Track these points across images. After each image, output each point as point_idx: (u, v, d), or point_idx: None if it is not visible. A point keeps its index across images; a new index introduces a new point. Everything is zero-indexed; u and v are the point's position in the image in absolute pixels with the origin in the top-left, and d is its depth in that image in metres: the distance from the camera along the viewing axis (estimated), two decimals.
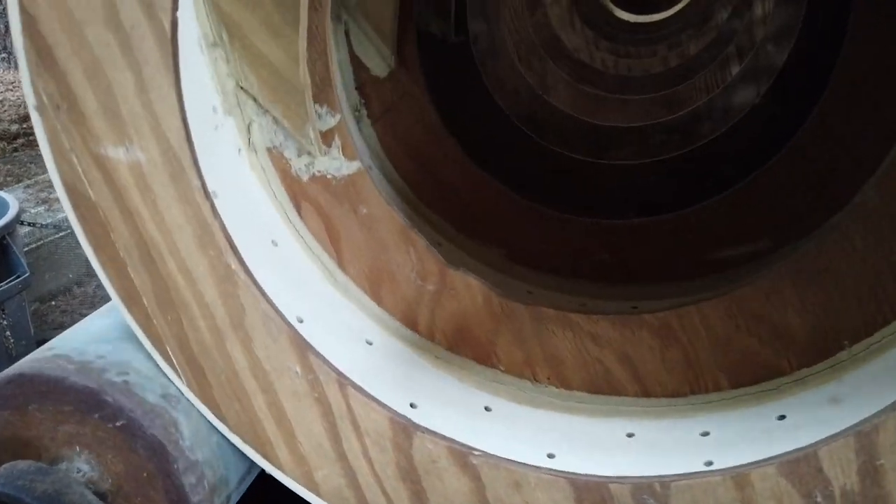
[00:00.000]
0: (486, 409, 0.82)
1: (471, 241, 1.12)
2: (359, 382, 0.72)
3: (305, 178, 0.91)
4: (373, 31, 1.18)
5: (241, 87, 0.87)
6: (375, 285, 0.94)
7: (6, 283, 1.86)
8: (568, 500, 0.65)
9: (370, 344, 0.88)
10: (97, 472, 0.75)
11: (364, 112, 1.12)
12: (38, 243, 2.60)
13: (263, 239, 0.86)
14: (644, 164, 1.46)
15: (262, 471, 0.79)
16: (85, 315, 0.88)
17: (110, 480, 0.76)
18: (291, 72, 0.84)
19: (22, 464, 0.74)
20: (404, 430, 0.70)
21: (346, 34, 1.09)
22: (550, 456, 0.70)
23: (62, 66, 0.62)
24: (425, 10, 1.31)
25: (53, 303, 2.52)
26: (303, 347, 0.71)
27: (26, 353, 0.87)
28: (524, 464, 0.67)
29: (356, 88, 1.12)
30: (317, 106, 0.89)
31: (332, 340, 0.77)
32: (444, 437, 0.70)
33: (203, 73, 0.82)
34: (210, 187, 0.71)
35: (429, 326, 0.94)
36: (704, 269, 1.02)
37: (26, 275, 1.93)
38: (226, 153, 0.86)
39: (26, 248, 2.25)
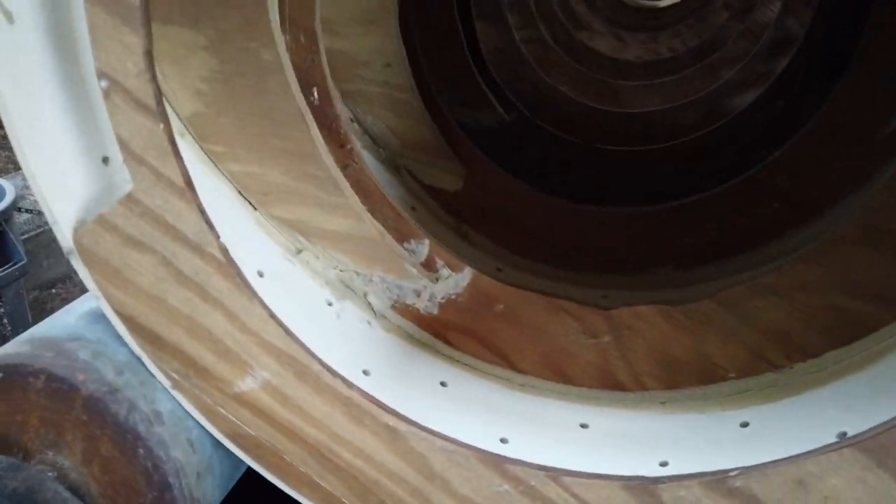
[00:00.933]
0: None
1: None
2: (573, 467, 0.65)
3: (436, 310, 0.91)
4: (435, 160, 1.21)
5: (340, 270, 0.91)
6: (558, 368, 0.88)
7: (3, 271, 1.77)
8: None
9: (585, 427, 0.81)
10: (75, 468, 0.72)
11: None
12: (38, 230, 2.38)
13: (428, 385, 0.84)
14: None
15: (248, 470, 0.76)
16: None
17: (89, 477, 0.72)
18: (365, 231, 0.87)
19: None
20: (644, 489, 0.61)
21: (409, 171, 1.12)
22: None
23: (171, 341, 0.68)
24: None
25: (53, 290, 2.46)
26: (498, 463, 0.65)
27: None
28: None
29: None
30: (405, 245, 0.91)
31: (532, 447, 0.71)
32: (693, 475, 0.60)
33: (299, 277, 0.88)
34: (345, 370, 0.72)
35: (635, 377, 0.85)
36: None
37: (23, 262, 1.85)
38: (356, 330, 0.88)
39: (26, 236, 2.18)
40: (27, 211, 2.32)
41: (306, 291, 0.87)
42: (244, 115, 0.80)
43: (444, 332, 0.92)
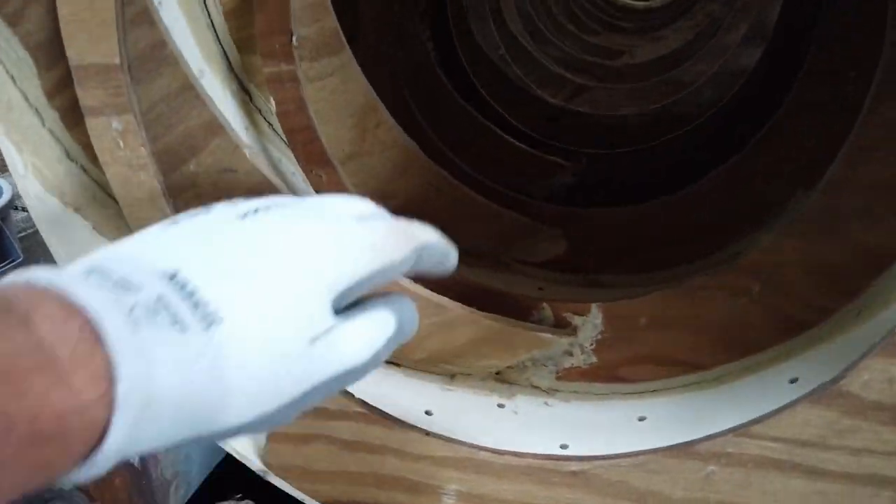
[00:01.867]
0: None
1: None
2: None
3: (595, 358, 0.91)
4: None
5: (496, 373, 0.96)
6: (735, 347, 0.84)
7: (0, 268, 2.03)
8: None
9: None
10: None
11: None
12: (34, 228, 2.47)
13: (626, 425, 0.83)
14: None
15: (224, 459, 0.79)
16: None
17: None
18: (489, 327, 0.92)
19: None
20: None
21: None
22: None
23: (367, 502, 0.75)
24: None
25: None
26: (687, 449, 0.63)
27: None
28: None
29: None
30: (531, 318, 0.94)
31: None
32: None
33: (463, 397, 0.93)
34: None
35: None
36: None
37: (20, 259, 1.79)
38: (540, 415, 0.91)
39: (22, 234, 2.07)
40: (24, 209, 2.15)
41: (475, 406, 0.92)
42: None
43: (616, 372, 0.91)
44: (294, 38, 0.88)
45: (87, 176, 0.75)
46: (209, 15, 0.96)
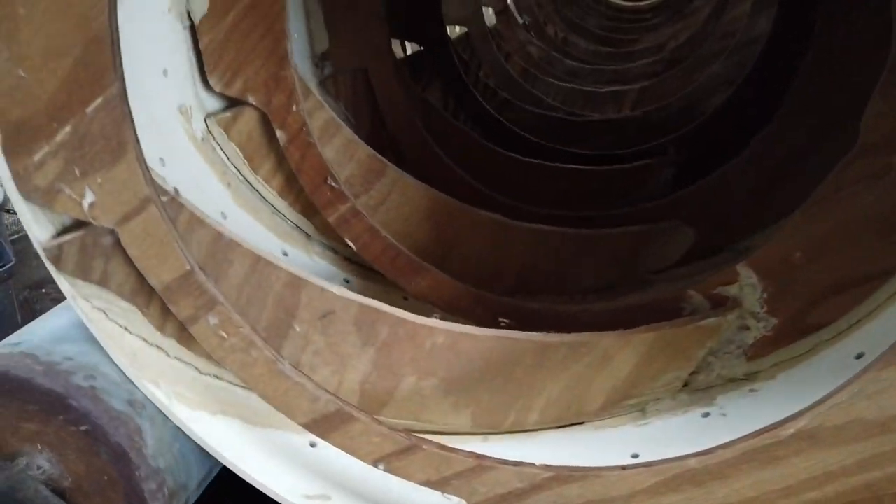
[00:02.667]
0: None
1: None
2: None
3: (771, 328, 0.82)
4: None
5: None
6: None
7: None
8: None
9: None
10: (57, 470, 0.74)
11: None
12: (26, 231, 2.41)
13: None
14: None
15: (220, 472, 0.79)
16: None
17: (70, 479, 0.74)
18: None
19: None
20: None
21: None
22: None
23: None
24: None
25: (42, 290, 2.41)
26: None
27: None
28: None
29: None
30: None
31: None
32: None
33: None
34: None
35: None
36: None
37: (12, 263, 1.84)
38: (742, 403, 0.80)
39: (14, 237, 2.15)
40: (15, 212, 2.58)
41: (680, 427, 0.83)
42: None
43: (806, 320, 0.80)
44: (339, 182, 0.94)
45: (222, 381, 0.80)
46: (271, 205, 1.05)
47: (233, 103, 0.97)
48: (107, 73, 0.61)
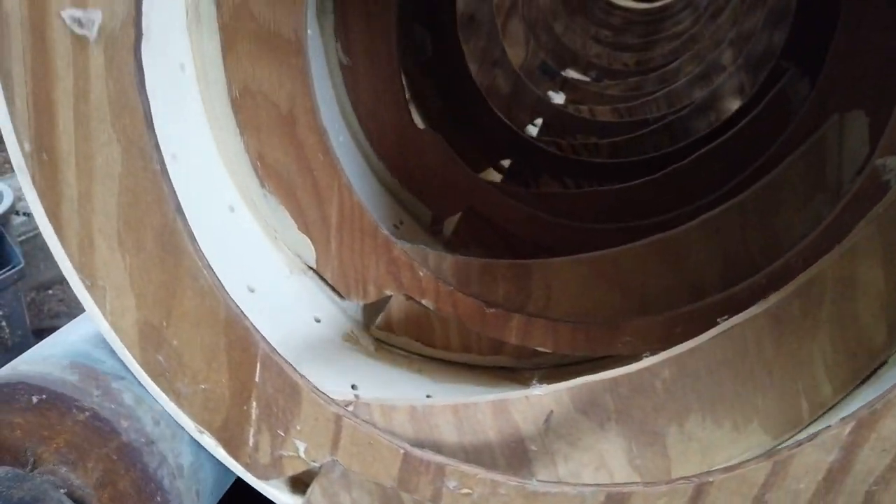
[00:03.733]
0: None
1: None
2: None
3: None
4: None
5: None
6: None
7: (1, 274, 1.77)
8: None
9: None
10: (78, 480, 0.72)
11: None
12: (34, 232, 2.38)
13: None
14: None
15: (237, 479, 0.75)
16: (83, 305, 0.76)
17: (91, 489, 0.72)
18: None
19: (0, 470, 0.70)
20: None
21: None
22: None
23: None
24: None
25: (50, 292, 2.38)
26: None
27: (22, 344, 0.91)
28: None
29: None
30: None
31: None
32: None
33: None
34: None
35: None
36: None
37: (21, 265, 1.83)
38: None
39: (22, 238, 2.12)
40: (24, 214, 2.33)
41: None
42: None
43: None
44: (498, 303, 0.96)
45: None
46: (456, 364, 1.08)
47: (376, 307, 1.05)
48: (250, 341, 0.70)
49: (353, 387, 0.81)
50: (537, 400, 0.76)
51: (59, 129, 0.66)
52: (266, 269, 1.04)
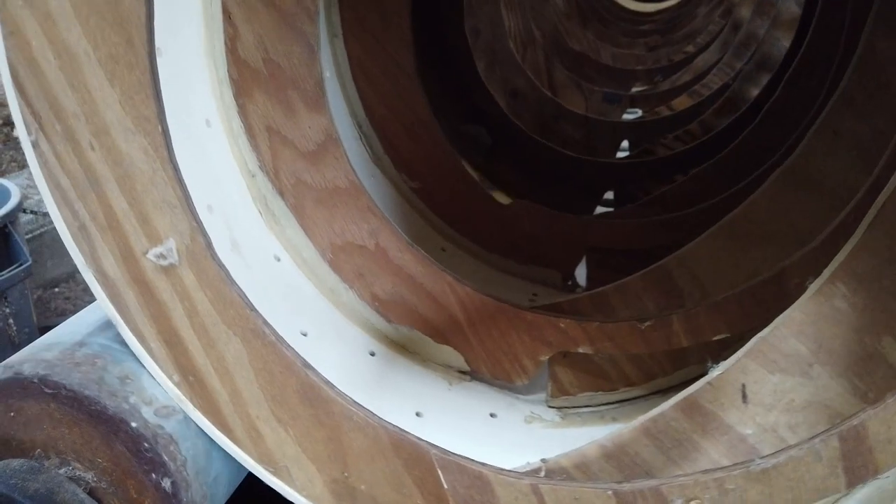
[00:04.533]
0: None
1: None
2: None
3: None
4: None
5: None
6: None
7: (8, 272, 1.78)
8: None
9: None
10: (90, 473, 0.73)
11: None
12: (41, 230, 2.47)
13: None
14: None
15: (250, 474, 0.76)
16: (88, 302, 0.79)
17: (103, 484, 0.73)
18: None
19: (14, 462, 0.72)
20: None
21: None
22: None
23: None
24: None
25: (56, 289, 2.43)
26: None
27: (29, 341, 0.82)
28: None
29: None
30: None
31: None
32: None
33: None
34: None
35: None
36: None
37: (28, 263, 1.84)
38: None
39: (29, 236, 2.15)
40: (31, 212, 2.33)
41: None
42: None
43: None
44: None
45: None
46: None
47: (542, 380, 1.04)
48: (421, 451, 0.71)
49: (544, 460, 0.78)
50: (721, 380, 0.70)
51: (191, 350, 0.74)
52: (428, 392, 1.06)
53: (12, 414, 0.73)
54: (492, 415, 1.03)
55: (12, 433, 0.74)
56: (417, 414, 0.97)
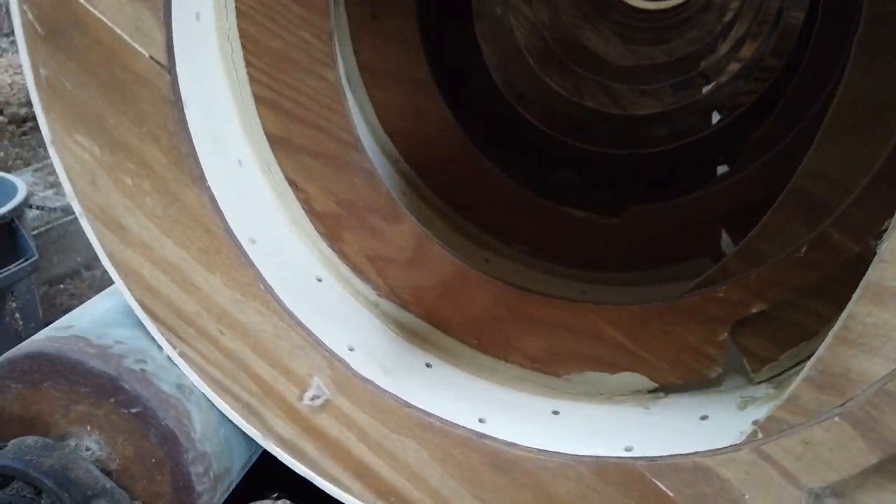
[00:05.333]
0: None
1: None
2: None
3: None
4: None
5: None
6: None
7: (15, 266, 1.81)
8: None
9: None
10: (105, 452, 0.74)
11: None
12: (47, 226, 2.52)
13: None
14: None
15: (261, 455, 0.78)
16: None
17: (118, 461, 0.74)
18: None
19: (30, 439, 0.72)
20: None
21: None
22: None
23: None
24: None
25: (62, 286, 2.48)
26: None
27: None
28: None
29: None
30: None
31: None
32: None
33: None
34: None
35: None
36: None
37: (35, 258, 1.87)
38: None
39: (35, 232, 2.18)
40: (37, 207, 2.36)
41: None
42: None
43: None
44: None
45: None
46: None
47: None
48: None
49: (755, 422, 0.71)
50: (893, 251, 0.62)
51: (380, 473, 0.76)
52: (631, 425, 1.00)
53: (38, 392, 0.74)
54: (702, 417, 0.96)
55: (36, 410, 0.75)
56: (627, 448, 0.92)
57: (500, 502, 0.70)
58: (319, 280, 1.00)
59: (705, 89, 2.55)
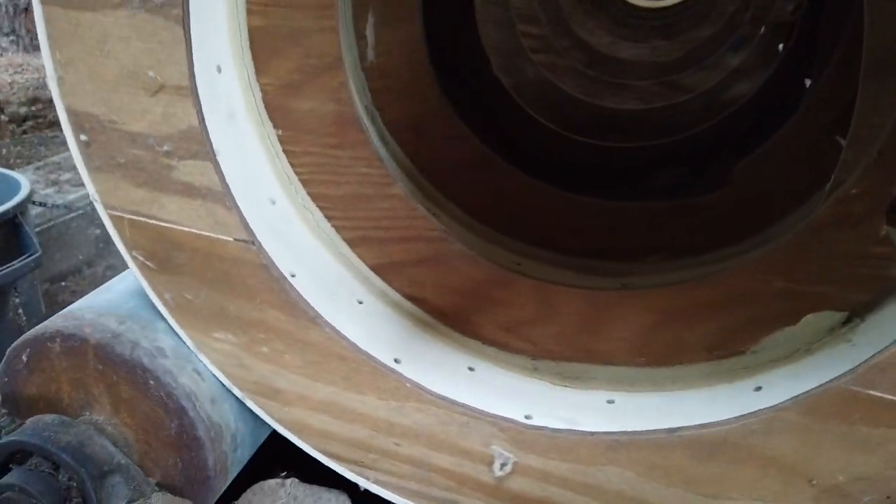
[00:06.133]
0: None
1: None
2: None
3: None
4: None
5: None
6: None
7: (19, 262, 1.81)
8: None
9: None
10: (120, 429, 0.76)
11: None
12: (49, 224, 2.55)
13: None
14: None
15: (273, 431, 0.80)
16: None
17: (132, 436, 0.76)
18: None
19: (48, 417, 0.76)
20: None
21: None
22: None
23: None
24: None
25: (64, 283, 2.47)
26: None
27: None
28: None
29: None
30: None
31: None
32: None
33: None
34: None
35: None
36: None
37: (38, 254, 1.86)
38: None
39: (37, 230, 2.18)
40: (40, 204, 2.41)
41: None
42: None
43: None
44: None
45: None
46: None
47: None
48: None
49: None
50: None
51: None
52: None
53: (55, 372, 0.77)
54: (757, 388, 0.85)
55: (52, 389, 0.78)
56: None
57: (722, 485, 0.65)
58: (471, 369, 1.03)
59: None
